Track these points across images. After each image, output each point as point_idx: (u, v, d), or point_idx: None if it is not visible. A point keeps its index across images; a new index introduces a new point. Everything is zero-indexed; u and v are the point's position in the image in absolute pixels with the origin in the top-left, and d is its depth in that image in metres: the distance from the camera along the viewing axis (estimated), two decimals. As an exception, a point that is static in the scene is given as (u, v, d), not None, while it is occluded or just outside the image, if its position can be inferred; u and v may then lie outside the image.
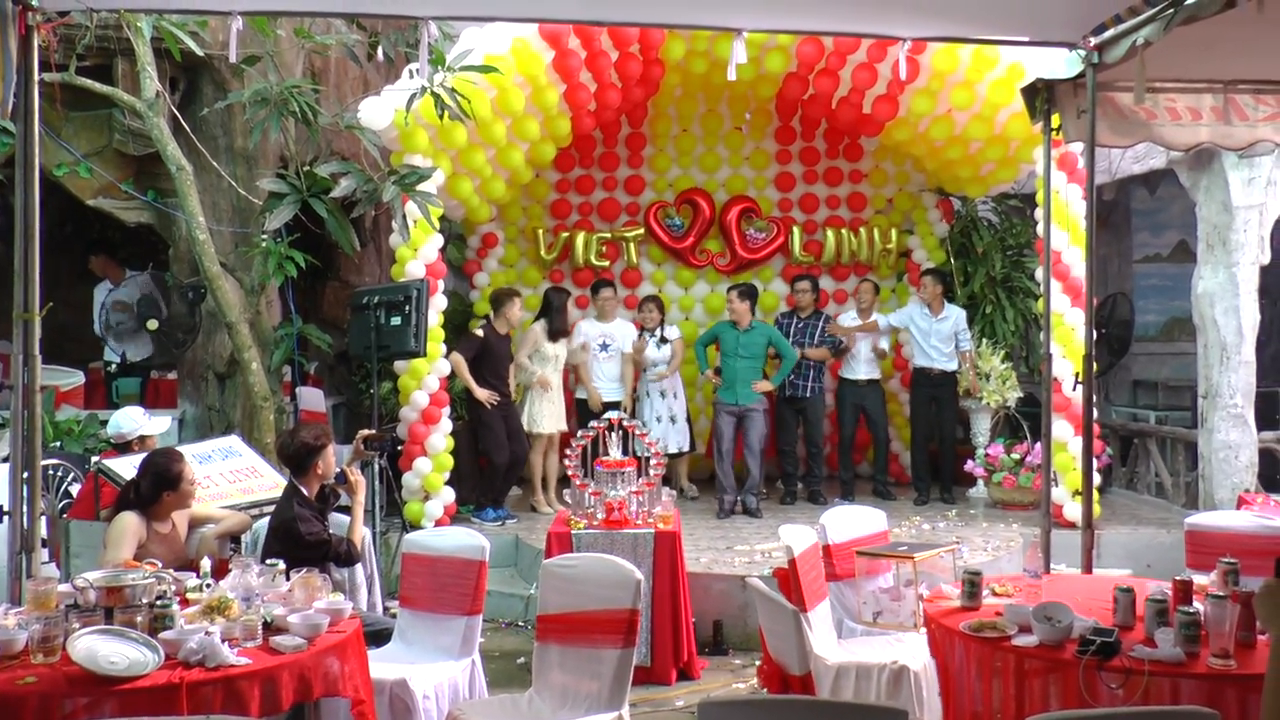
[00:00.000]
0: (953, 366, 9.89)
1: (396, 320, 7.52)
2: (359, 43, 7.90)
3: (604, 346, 9.73)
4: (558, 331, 9.34)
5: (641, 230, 11.11)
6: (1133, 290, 11.75)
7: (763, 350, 9.28)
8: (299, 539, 5.04)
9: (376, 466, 6.84)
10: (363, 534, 5.47)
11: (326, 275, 10.41)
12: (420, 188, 7.30)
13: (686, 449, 9.95)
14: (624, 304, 10.72)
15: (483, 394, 8.80)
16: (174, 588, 4.20)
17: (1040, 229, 8.59)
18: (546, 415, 9.29)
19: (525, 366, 9.26)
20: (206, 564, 4.58)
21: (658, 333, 9.76)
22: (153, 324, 8.94)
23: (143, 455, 5.54)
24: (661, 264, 11.34)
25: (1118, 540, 8.50)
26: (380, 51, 6.72)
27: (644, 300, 10.00)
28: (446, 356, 8.65)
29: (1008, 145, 9.25)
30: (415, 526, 7.95)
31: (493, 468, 8.95)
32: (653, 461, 6.53)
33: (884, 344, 10.06)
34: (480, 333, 8.98)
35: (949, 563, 5.57)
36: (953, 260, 10.78)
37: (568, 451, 6.63)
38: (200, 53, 6.93)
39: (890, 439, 10.65)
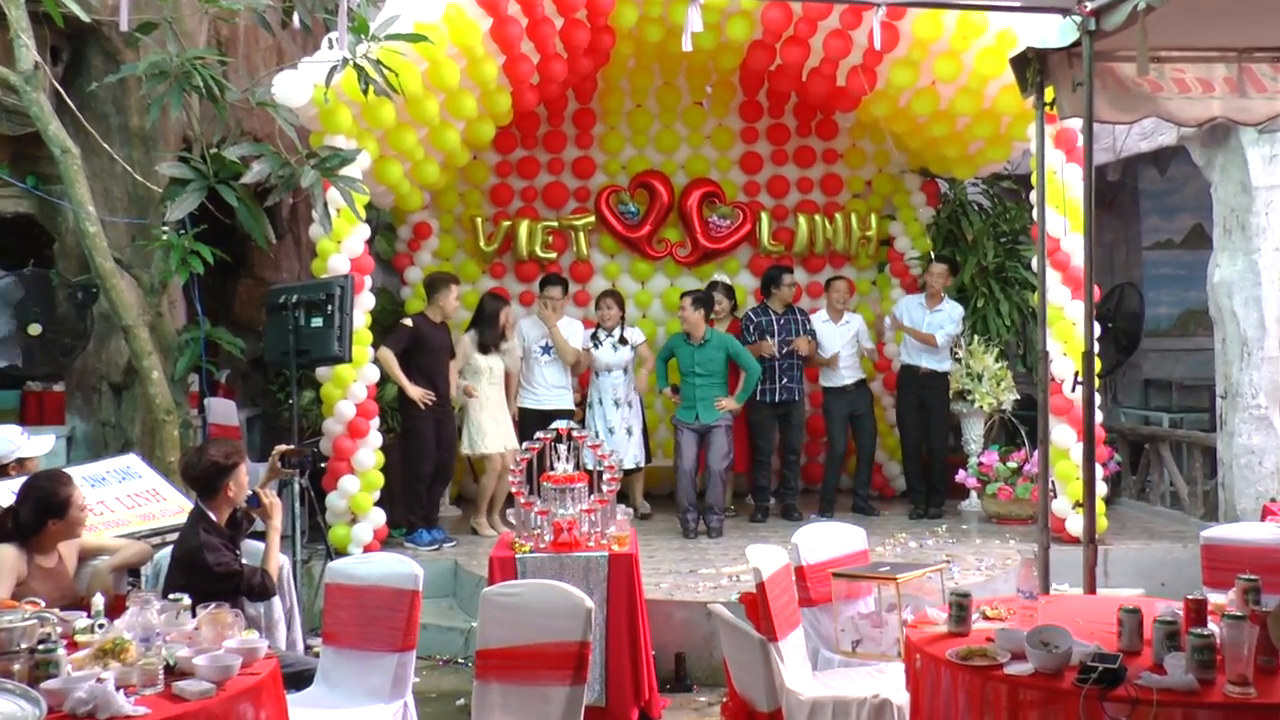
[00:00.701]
0: (944, 366, 10.01)
1: (318, 321, 7.48)
2: (271, 8, 7.75)
3: (548, 349, 9.74)
4: (489, 343, 9.37)
5: (592, 218, 11.16)
6: (1142, 280, 11.88)
7: (722, 365, 9.34)
8: (206, 570, 4.99)
9: (296, 487, 6.81)
10: (280, 563, 5.43)
11: (238, 272, 10.36)
12: (343, 172, 7.19)
13: (643, 463, 10.01)
14: (573, 300, 10.76)
15: (415, 392, 8.81)
16: (60, 630, 4.11)
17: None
18: (490, 433, 9.30)
19: (453, 382, 9.31)
20: (99, 601, 4.48)
21: (616, 333, 9.79)
22: (35, 329, 8.79)
23: (22, 479, 5.39)
24: (614, 255, 11.38)
25: (1127, 557, 8.58)
26: (296, 18, 6.59)
27: (602, 296, 10.02)
28: (374, 356, 8.66)
29: (998, 121, 9.34)
30: (341, 553, 7.88)
31: (415, 478, 8.95)
32: (606, 476, 6.52)
33: (867, 341, 10.16)
34: (410, 323, 8.99)
35: (937, 584, 5.59)
36: (938, 249, 10.90)
37: (510, 466, 6.62)
38: (86, 18, 6.78)
39: (874, 448, 10.71)
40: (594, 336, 9.83)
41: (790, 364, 9.78)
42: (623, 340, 9.80)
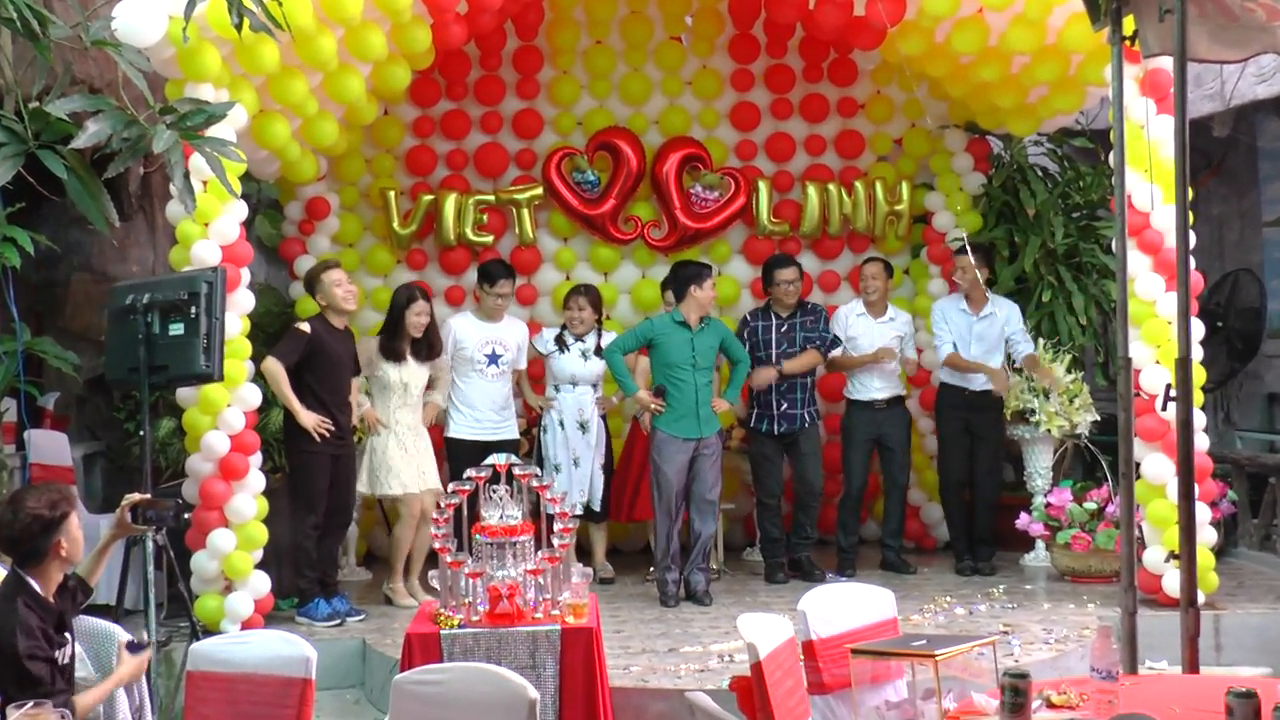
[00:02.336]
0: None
1: (178, 328, 7.42)
2: (112, -85, 7.76)
3: (492, 359, 9.79)
4: (398, 348, 9.40)
5: (539, 190, 11.22)
6: (1263, 265, 11.88)
7: (714, 357, 9.51)
8: (15, 660, 4.93)
9: (151, 545, 6.71)
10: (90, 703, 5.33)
11: (70, 264, 10.31)
12: (210, 133, 7.14)
13: (606, 506, 10.14)
14: (515, 298, 10.76)
15: (309, 419, 8.80)
16: None
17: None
18: (400, 470, 9.33)
19: (359, 398, 9.33)
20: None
21: (590, 340, 9.97)
22: None
23: None
24: (569, 239, 11.45)
25: (1245, 625, 8.56)
26: (144, -71, 6.60)
27: (573, 293, 10.15)
28: (257, 372, 8.66)
29: (1066, 60, 9.37)
30: (210, 632, 7.82)
31: (300, 530, 8.96)
32: (559, 526, 6.51)
33: (911, 349, 10.31)
34: (306, 328, 8.97)
35: (989, 662, 5.58)
36: (989, 228, 11.02)
37: (434, 514, 6.60)
38: None
39: (908, 485, 10.84)
40: (559, 339, 10.00)
41: (791, 383, 9.90)
42: (597, 350, 9.94)
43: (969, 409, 10.10)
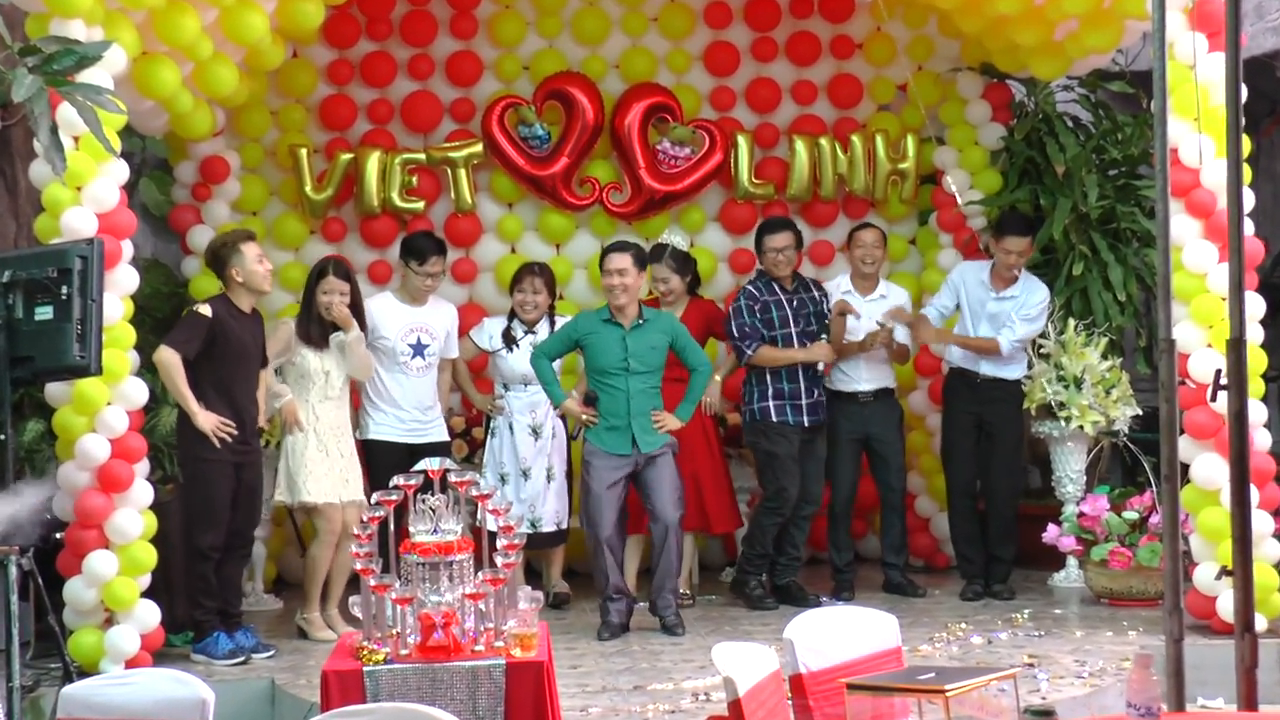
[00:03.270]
0: (1015, 371, 10.19)
1: (45, 312, 7.44)
2: None
3: (418, 349, 9.81)
4: (319, 333, 9.41)
5: (478, 147, 11.24)
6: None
7: (662, 360, 9.45)
8: None
9: (14, 571, 6.69)
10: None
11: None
12: (82, 78, 7.13)
13: (565, 524, 10.17)
14: (450, 274, 10.83)
15: (207, 420, 8.74)
16: None
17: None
18: (321, 476, 9.35)
19: (272, 390, 9.31)
20: None
21: (543, 329, 10.06)
22: None
23: None
24: (514, 204, 11.51)
25: (1316, 655, 8.64)
26: None
27: (524, 272, 10.17)
28: (143, 363, 8.59)
29: (1100, -12, 9.40)
30: (87, 672, 7.74)
31: (197, 551, 8.91)
32: (503, 542, 6.50)
33: (902, 333, 10.25)
34: (207, 311, 8.91)
35: (1009, 699, 5.60)
36: (1010, 189, 11.11)
37: (355, 530, 6.61)
38: None
39: (912, 491, 10.89)
40: (506, 334, 10.03)
41: (814, 369, 10.02)
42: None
43: (978, 400, 10.18)
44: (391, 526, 6.60)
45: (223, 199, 10.97)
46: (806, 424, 9.96)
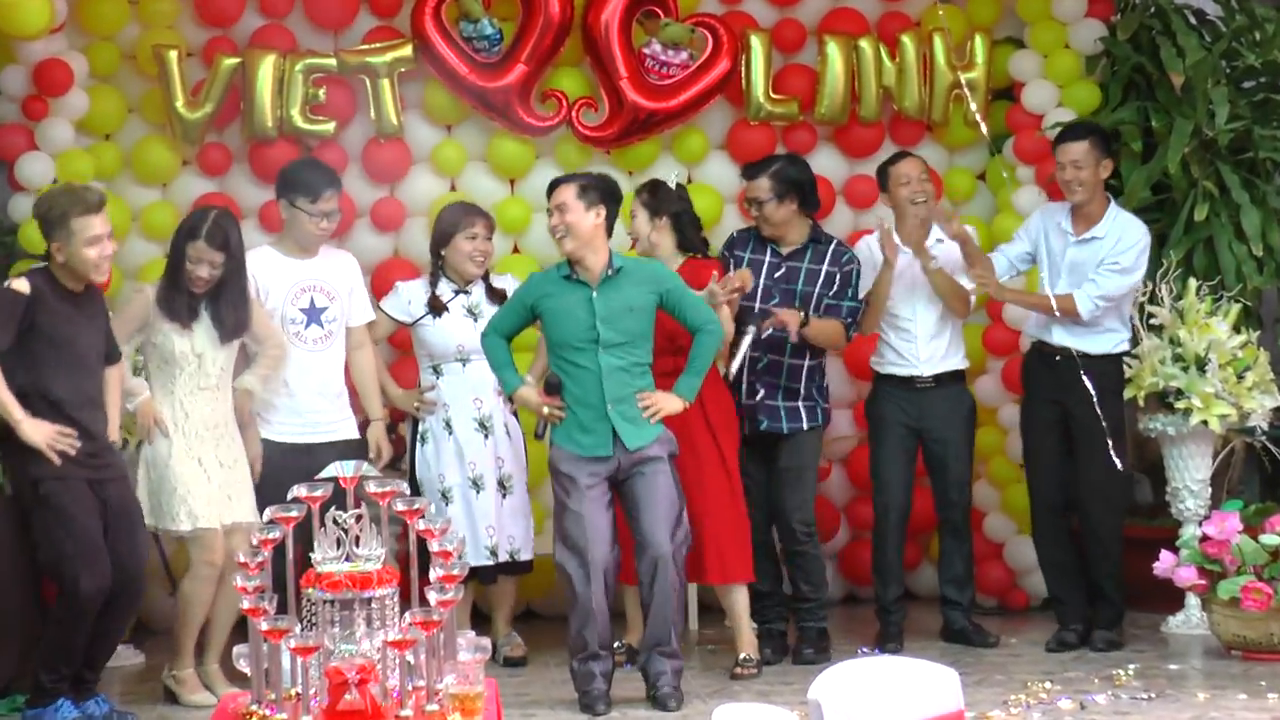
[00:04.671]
0: (1102, 343, 10.07)
1: None
2: None
3: (312, 314, 9.73)
4: (187, 307, 9.27)
5: (406, 49, 11.16)
6: None
7: (647, 326, 9.28)
8: None
9: None
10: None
11: None
12: None
13: (524, 553, 10.05)
14: (370, 219, 11.07)
15: (35, 431, 8.58)
16: None
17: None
18: (191, 492, 9.29)
19: (126, 387, 9.27)
20: None
21: (478, 290, 10.04)
22: None
23: None
24: (454, 126, 11.50)
25: None
26: None
27: (467, 214, 10.12)
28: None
29: None
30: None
31: (70, 602, 8.77)
32: (438, 573, 6.33)
33: (969, 283, 10.15)
34: (25, 287, 8.76)
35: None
36: (1112, 106, 11.10)
37: (241, 558, 6.45)
38: None
39: (980, 508, 10.94)
40: (433, 300, 9.94)
41: (776, 360, 9.94)
42: (492, 292, 9.95)
43: (1059, 383, 10.10)
44: (290, 553, 6.46)
45: (64, 116, 10.85)
46: (744, 432, 9.94)
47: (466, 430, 9.89)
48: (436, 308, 9.93)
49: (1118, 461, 9.97)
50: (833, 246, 10.09)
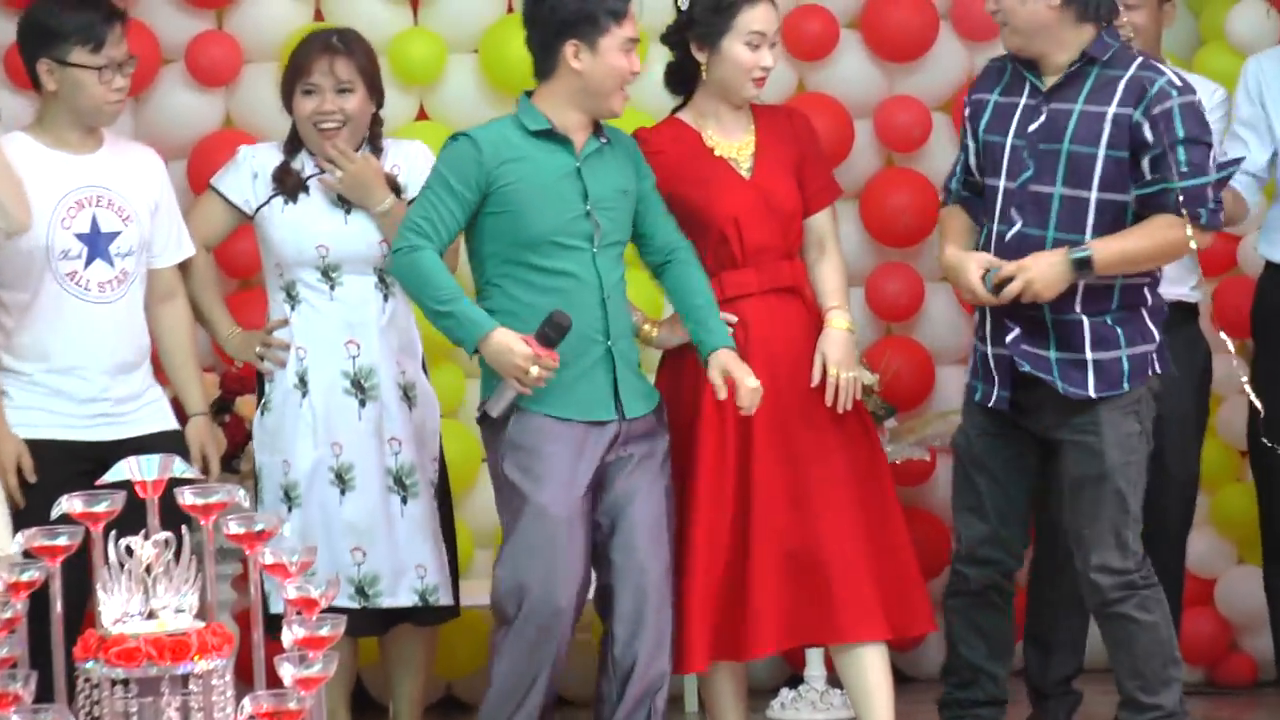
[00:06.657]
0: None
1: None
2: None
3: (93, 242, 8.03)
4: None
5: None
6: None
7: (628, 218, 7.59)
8: None
9: None
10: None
11: None
12: None
13: (443, 598, 7.93)
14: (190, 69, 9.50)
15: None
16: None
17: None
18: None
19: None
20: None
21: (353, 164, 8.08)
22: None
23: None
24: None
25: None
26: None
27: (314, 49, 8.09)
28: None
29: None
30: None
31: None
32: (300, 632, 5.61)
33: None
34: None
35: None
36: None
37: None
38: None
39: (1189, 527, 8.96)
40: (282, 172, 7.92)
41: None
42: (390, 186, 7.96)
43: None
44: (59, 605, 5.50)
45: None
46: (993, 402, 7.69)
47: (331, 391, 7.75)
48: (288, 184, 7.87)
49: None
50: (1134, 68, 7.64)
